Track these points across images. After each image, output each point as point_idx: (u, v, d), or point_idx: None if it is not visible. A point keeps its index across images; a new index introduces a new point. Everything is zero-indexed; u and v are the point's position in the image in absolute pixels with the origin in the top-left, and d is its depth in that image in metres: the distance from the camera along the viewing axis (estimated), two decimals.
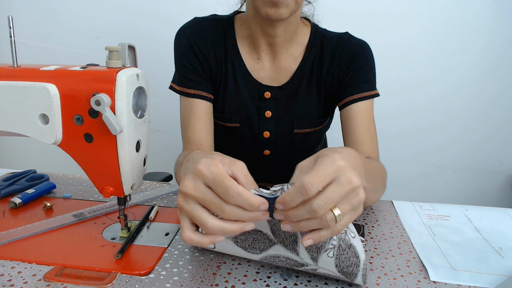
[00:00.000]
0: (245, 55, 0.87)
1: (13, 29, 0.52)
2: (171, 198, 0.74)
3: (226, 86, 0.86)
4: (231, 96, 0.87)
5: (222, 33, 0.86)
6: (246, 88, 0.86)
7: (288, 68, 0.86)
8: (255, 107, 0.87)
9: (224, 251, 0.52)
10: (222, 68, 0.86)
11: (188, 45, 0.84)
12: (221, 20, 0.88)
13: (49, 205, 0.69)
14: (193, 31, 0.85)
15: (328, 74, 0.86)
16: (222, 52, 0.86)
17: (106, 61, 0.52)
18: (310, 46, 0.86)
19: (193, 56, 0.84)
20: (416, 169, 1.71)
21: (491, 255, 0.58)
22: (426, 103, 1.63)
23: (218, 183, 0.40)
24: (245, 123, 0.88)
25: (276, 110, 0.87)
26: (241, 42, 0.87)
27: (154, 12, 1.62)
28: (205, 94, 0.84)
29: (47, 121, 0.51)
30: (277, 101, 0.87)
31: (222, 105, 0.88)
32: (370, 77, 0.86)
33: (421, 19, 1.54)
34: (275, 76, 0.87)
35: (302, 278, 0.51)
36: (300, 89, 0.87)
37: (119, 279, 0.50)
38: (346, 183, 0.40)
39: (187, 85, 0.84)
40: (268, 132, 0.89)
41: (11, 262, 0.53)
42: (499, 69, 1.57)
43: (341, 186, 0.40)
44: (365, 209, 0.73)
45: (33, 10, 1.68)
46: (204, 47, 0.85)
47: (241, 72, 0.86)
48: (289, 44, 0.85)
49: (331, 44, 0.86)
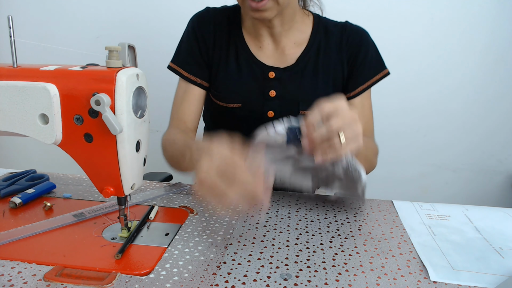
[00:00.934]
0: (249, 41, 0.90)
1: (13, 29, 0.52)
2: (171, 198, 0.74)
3: (228, 68, 0.90)
4: (232, 77, 0.90)
5: (227, 20, 0.91)
6: (249, 69, 0.89)
7: (292, 54, 0.90)
8: (259, 87, 0.89)
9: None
10: (223, 51, 0.90)
11: (193, 32, 0.91)
12: (229, 9, 0.93)
13: (49, 205, 0.69)
14: (200, 18, 0.92)
15: (338, 63, 0.90)
16: (225, 37, 0.90)
17: (106, 61, 0.52)
18: (315, 33, 0.90)
19: (195, 42, 0.90)
20: (416, 169, 1.71)
21: (491, 255, 0.58)
22: (426, 103, 1.63)
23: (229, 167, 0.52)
24: (247, 103, 0.89)
25: (281, 90, 0.89)
26: (246, 29, 0.91)
27: (154, 12, 1.62)
28: (201, 81, 0.91)
29: (47, 121, 0.51)
30: (281, 82, 0.89)
31: (223, 86, 0.90)
32: (373, 62, 0.91)
33: (421, 20, 1.54)
34: (279, 61, 0.90)
35: (302, 278, 0.51)
36: (305, 71, 0.89)
37: (119, 279, 0.50)
38: (348, 114, 0.57)
39: (187, 69, 0.90)
40: (272, 112, 0.90)
41: (11, 262, 0.53)
42: (499, 69, 1.57)
43: (346, 114, 0.57)
44: (365, 209, 0.73)
45: (33, 10, 1.68)
46: (207, 32, 0.90)
47: (245, 55, 0.89)
48: (291, 33, 0.89)
49: (334, 32, 0.90)
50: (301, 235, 0.62)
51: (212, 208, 0.70)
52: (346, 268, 0.54)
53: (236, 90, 0.89)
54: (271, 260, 0.55)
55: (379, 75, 0.91)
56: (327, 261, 0.55)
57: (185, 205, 0.71)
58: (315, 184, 0.70)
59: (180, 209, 0.70)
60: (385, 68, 0.92)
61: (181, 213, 0.68)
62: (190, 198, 0.75)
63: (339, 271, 0.53)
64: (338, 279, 0.51)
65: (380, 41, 0.94)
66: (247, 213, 0.69)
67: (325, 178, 0.67)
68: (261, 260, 0.55)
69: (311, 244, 0.60)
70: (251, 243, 0.60)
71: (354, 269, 0.54)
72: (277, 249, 0.58)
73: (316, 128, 0.57)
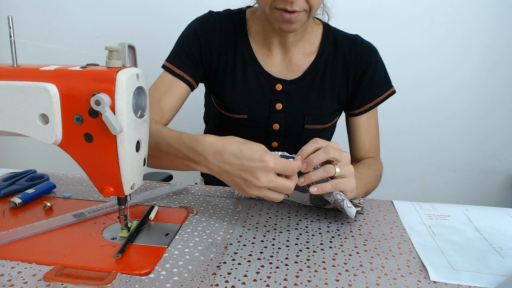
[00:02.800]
0: (256, 49, 0.88)
1: (13, 29, 0.52)
2: (171, 198, 0.74)
3: (235, 78, 0.87)
4: (240, 87, 0.87)
5: (233, 26, 0.88)
6: (256, 80, 0.87)
7: (300, 65, 0.88)
8: (265, 99, 0.88)
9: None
10: (229, 60, 0.87)
11: (195, 34, 0.87)
12: (234, 14, 0.90)
13: (49, 205, 0.68)
14: (204, 22, 0.88)
15: (344, 78, 0.89)
16: (231, 44, 0.87)
17: (106, 61, 0.52)
18: (324, 45, 0.88)
19: (197, 45, 0.86)
20: (416, 169, 1.71)
21: (491, 255, 0.58)
22: (426, 103, 1.63)
23: (286, 169, 0.58)
24: (254, 114, 0.88)
25: (287, 103, 0.88)
26: (252, 36, 0.88)
27: (154, 12, 1.62)
28: (189, 79, 0.86)
29: (47, 121, 0.51)
30: (288, 95, 0.88)
31: (230, 96, 0.88)
32: (381, 80, 0.90)
33: (421, 20, 1.54)
34: (286, 72, 0.88)
35: (302, 278, 0.51)
36: (313, 85, 0.88)
37: (119, 279, 0.50)
38: (343, 154, 0.63)
39: (177, 65, 0.86)
40: (277, 125, 0.89)
41: (11, 262, 0.53)
42: (499, 69, 1.57)
43: (340, 151, 0.62)
44: (365, 209, 0.73)
45: (33, 10, 1.68)
46: (212, 39, 0.87)
47: (252, 65, 0.87)
48: (301, 43, 0.87)
49: (344, 44, 0.88)
50: (301, 235, 0.62)
51: (212, 208, 0.70)
52: (346, 268, 0.54)
53: (243, 101, 0.88)
54: (271, 260, 0.55)
55: (386, 94, 0.91)
56: (327, 261, 0.55)
57: (185, 205, 0.71)
58: (313, 202, 0.72)
59: (180, 209, 0.70)
60: (391, 87, 0.92)
61: (181, 213, 0.68)
62: (190, 198, 0.75)
63: (339, 271, 0.53)
64: (338, 279, 0.51)
65: (380, 42, 0.94)
66: (247, 213, 0.69)
67: (322, 197, 0.69)
68: (261, 260, 0.55)
69: (311, 244, 0.60)
70: (251, 243, 0.60)
71: (354, 269, 0.54)
72: (277, 249, 0.58)
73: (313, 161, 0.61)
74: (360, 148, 0.92)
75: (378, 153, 0.94)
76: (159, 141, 0.69)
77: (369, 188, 0.81)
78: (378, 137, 0.94)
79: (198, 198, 0.75)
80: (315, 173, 0.61)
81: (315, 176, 0.61)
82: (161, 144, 0.69)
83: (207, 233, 0.62)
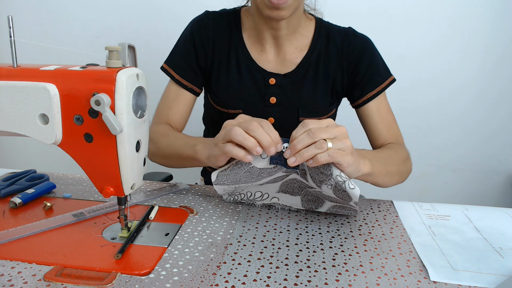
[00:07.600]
0: (250, 46, 0.89)
1: (13, 29, 0.52)
2: (171, 198, 0.74)
3: (229, 74, 0.89)
4: (234, 82, 0.89)
5: (227, 24, 0.90)
6: (250, 75, 0.88)
7: (293, 59, 0.89)
8: (259, 93, 0.89)
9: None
10: (224, 57, 0.89)
11: (190, 36, 0.90)
12: (229, 12, 0.92)
13: (49, 205, 0.68)
14: (199, 22, 0.91)
15: (338, 69, 0.89)
16: (226, 41, 0.89)
17: (106, 61, 0.52)
18: (316, 39, 0.89)
19: (192, 48, 0.89)
20: (416, 169, 1.69)
21: (491, 255, 0.58)
22: (426, 104, 1.63)
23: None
24: (248, 109, 0.89)
25: (281, 96, 0.89)
26: (246, 33, 0.90)
27: (154, 12, 1.62)
28: (193, 87, 0.91)
29: (47, 121, 0.51)
30: (281, 88, 0.89)
31: (225, 92, 0.90)
32: (380, 69, 0.90)
33: (422, 20, 1.54)
34: (279, 67, 0.89)
35: (302, 278, 0.51)
36: (305, 78, 0.88)
37: (119, 279, 0.50)
38: (336, 128, 0.59)
39: (180, 73, 0.90)
40: (272, 119, 0.90)
41: (11, 262, 0.53)
42: (500, 70, 1.57)
43: (333, 129, 0.58)
44: (365, 209, 0.73)
45: (33, 10, 1.68)
46: (205, 38, 0.89)
47: (246, 61, 0.88)
48: (294, 37, 0.88)
49: (337, 38, 0.89)
50: (301, 235, 0.62)
51: (212, 208, 0.70)
52: (346, 268, 0.54)
53: (237, 96, 0.89)
54: (271, 260, 0.55)
55: (388, 81, 0.90)
56: (327, 261, 0.55)
57: (185, 205, 0.71)
58: (304, 205, 0.69)
59: (180, 209, 0.70)
60: (391, 75, 0.91)
61: (181, 213, 0.68)
62: (190, 198, 0.75)
63: (339, 271, 0.53)
64: (338, 279, 0.51)
65: (380, 42, 0.94)
66: (247, 213, 0.69)
67: (314, 199, 0.67)
68: (261, 260, 0.55)
69: (311, 244, 0.60)
70: (251, 243, 0.60)
71: (354, 269, 0.54)
72: (277, 249, 0.58)
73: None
74: (378, 136, 0.89)
75: (401, 140, 0.91)
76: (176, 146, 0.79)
77: (392, 169, 0.76)
78: (395, 124, 0.91)
79: (198, 198, 0.75)
80: (306, 150, 0.58)
81: (306, 154, 0.58)
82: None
83: (207, 233, 0.62)
